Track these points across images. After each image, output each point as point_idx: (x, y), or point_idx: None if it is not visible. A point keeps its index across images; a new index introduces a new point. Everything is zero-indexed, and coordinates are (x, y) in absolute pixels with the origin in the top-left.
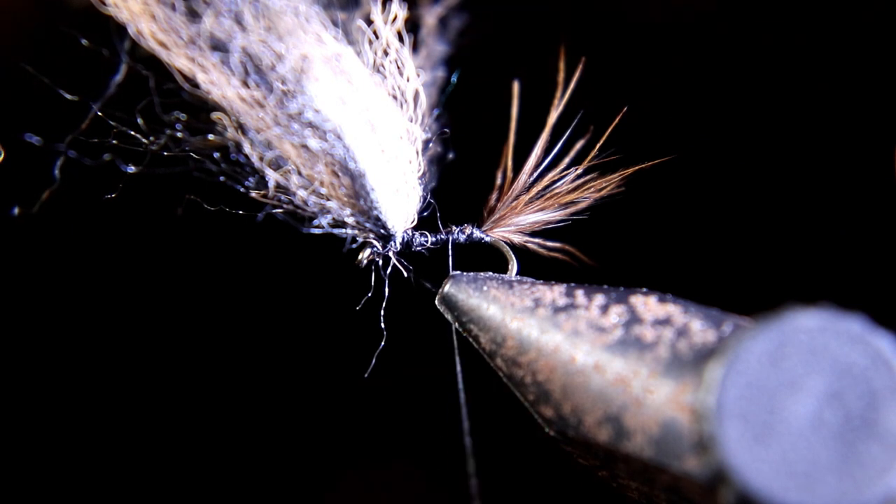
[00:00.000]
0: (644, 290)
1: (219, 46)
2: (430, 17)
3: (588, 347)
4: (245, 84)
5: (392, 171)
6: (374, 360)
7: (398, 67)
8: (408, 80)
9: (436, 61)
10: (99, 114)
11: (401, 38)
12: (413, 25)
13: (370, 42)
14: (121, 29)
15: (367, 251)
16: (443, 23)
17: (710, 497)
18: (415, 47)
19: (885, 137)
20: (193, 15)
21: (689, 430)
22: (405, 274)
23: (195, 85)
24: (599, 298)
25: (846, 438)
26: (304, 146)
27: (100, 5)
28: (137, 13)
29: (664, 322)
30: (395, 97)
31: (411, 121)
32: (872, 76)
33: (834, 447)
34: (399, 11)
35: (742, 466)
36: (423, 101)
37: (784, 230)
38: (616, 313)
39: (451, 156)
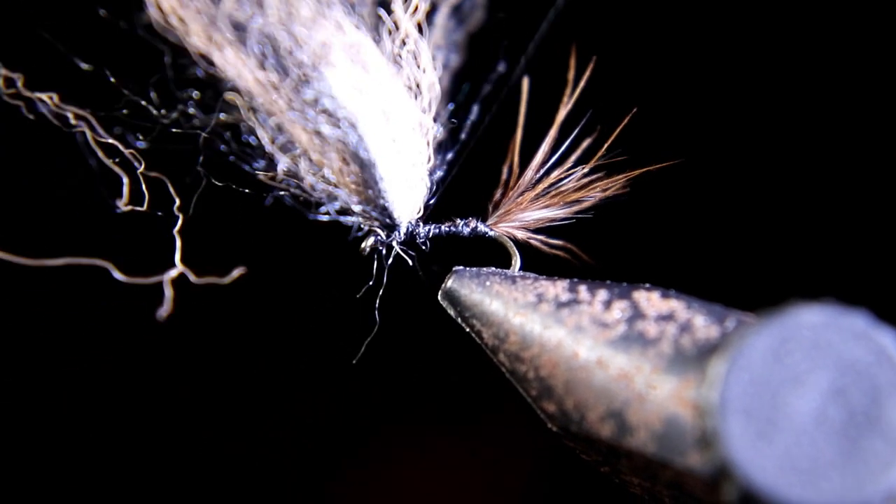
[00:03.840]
0: (647, 285)
1: (238, 27)
2: (446, 7)
3: (591, 343)
4: (262, 67)
5: (402, 162)
6: (363, 348)
7: (415, 58)
8: (424, 72)
9: (450, 51)
10: (112, 81)
11: (420, 30)
12: (430, 14)
13: (389, 32)
14: (139, 2)
15: (372, 239)
16: (458, 13)
17: (713, 493)
18: (430, 37)
19: (887, 135)
20: None
21: (692, 426)
22: (410, 263)
23: (211, 63)
24: (603, 294)
25: (849, 434)
26: (317, 132)
27: None
28: None
29: (667, 318)
30: (410, 88)
31: (424, 113)
32: (872, 76)
33: (837, 443)
34: (420, 2)
35: (745, 462)
36: (438, 93)
37: (787, 226)
38: (619, 309)
39: (459, 149)
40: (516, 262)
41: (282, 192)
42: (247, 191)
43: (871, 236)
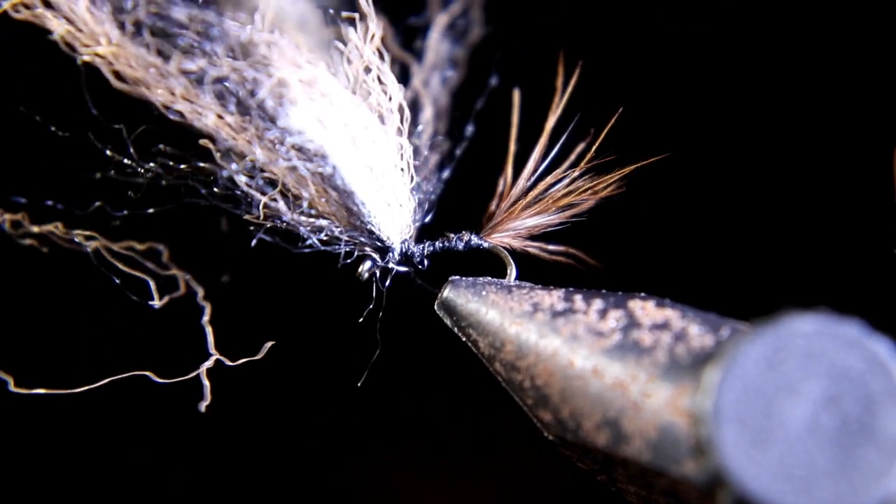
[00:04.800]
0: (642, 294)
1: (195, 79)
2: (438, 21)
3: (586, 352)
4: (226, 112)
5: (383, 185)
6: (367, 370)
7: (381, 83)
8: (391, 95)
9: (441, 66)
10: (97, 144)
11: (381, 56)
12: (417, 32)
13: (349, 62)
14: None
15: (368, 264)
16: (451, 28)
17: (707, 501)
18: (419, 54)
19: (885, 139)
20: (164, 53)
21: (686, 435)
22: (411, 276)
23: (178, 114)
24: (598, 303)
25: (843, 442)
26: (292, 168)
27: (71, 52)
28: (109, 56)
29: (662, 326)
30: (380, 112)
31: (399, 134)
32: (872, 76)
33: (831, 451)
34: (376, 30)
35: (739, 470)
36: (416, 114)
37: (781, 234)
38: (614, 318)
39: (449, 164)
40: (512, 271)
41: (265, 231)
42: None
43: (865, 244)
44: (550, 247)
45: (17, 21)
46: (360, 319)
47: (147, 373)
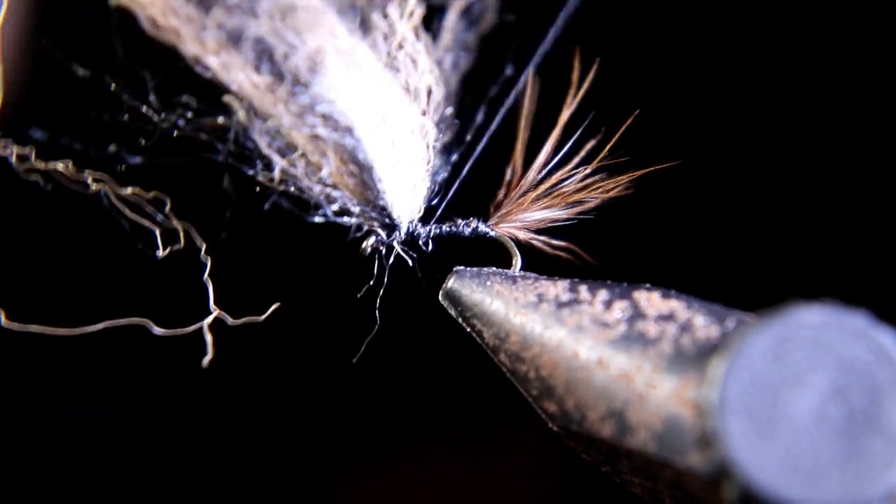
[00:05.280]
0: (647, 285)
1: (231, 34)
2: (455, 4)
3: (591, 343)
4: (257, 71)
5: (401, 163)
6: (363, 347)
7: (413, 62)
8: (422, 75)
9: (455, 51)
10: (113, 88)
11: (416, 34)
12: (435, 13)
13: (385, 36)
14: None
15: (372, 239)
16: (468, 15)
17: (713, 492)
18: (435, 36)
19: (888, 136)
20: (205, 4)
21: (692, 426)
22: (410, 263)
23: (207, 68)
24: (603, 294)
25: (849, 434)
26: (315, 135)
27: None
28: (147, 3)
29: (667, 317)
30: (408, 90)
31: (424, 114)
32: (873, 77)
33: (837, 442)
34: (416, 7)
35: (745, 462)
36: (437, 95)
37: (787, 226)
38: (619, 309)
39: (460, 149)
40: (517, 262)
41: (280, 196)
42: (249, 192)
43: (871, 236)
44: (555, 241)
45: None
46: (359, 295)
47: (146, 321)
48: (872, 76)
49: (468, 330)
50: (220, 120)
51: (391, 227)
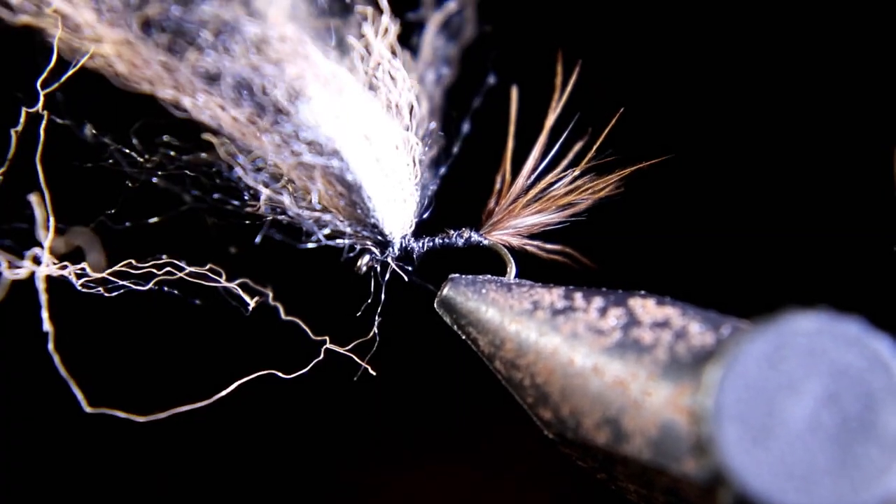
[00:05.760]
0: (642, 292)
1: (208, 75)
2: (432, 20)
3: (586, 350)
4: (238, 106)
5: (389, 180)
6: (363, 365)
7: (392, 79)
8: (401, 93)
9: (436, 63)
10: (93, 133)
11: (393, 51)
12: (414, 29)
13: (362, 57)
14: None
15: (366, 258)
16: (445, 25)
17: (708, 499)
18: (415, 51)
19: (885, 138)
20: (175, 51)
21: (687, 433)
22: (405, 278)
23: (184, 110)
24: (598, 301)
25: (844, 440)
26: (300, 162)
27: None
28: (115, 56)
29: (662, 324)
30: (390, 107)
31: (407, 130)
32: (872, 76)
33: (831, 449)
34: (390, 26)
35: (740, 468)
36: (420, 110)
37: (782, 233)
38: (614, 316)
39: (448, 161)
40: (511, 269)
41: (269, 227)
42: (235, 224)
43: (866, 242)
44: (549, 245)
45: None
46: (358, 314)
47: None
48: (867, 79)
49: (464, 338)
50: (203, 156)
51: (384, 244)
